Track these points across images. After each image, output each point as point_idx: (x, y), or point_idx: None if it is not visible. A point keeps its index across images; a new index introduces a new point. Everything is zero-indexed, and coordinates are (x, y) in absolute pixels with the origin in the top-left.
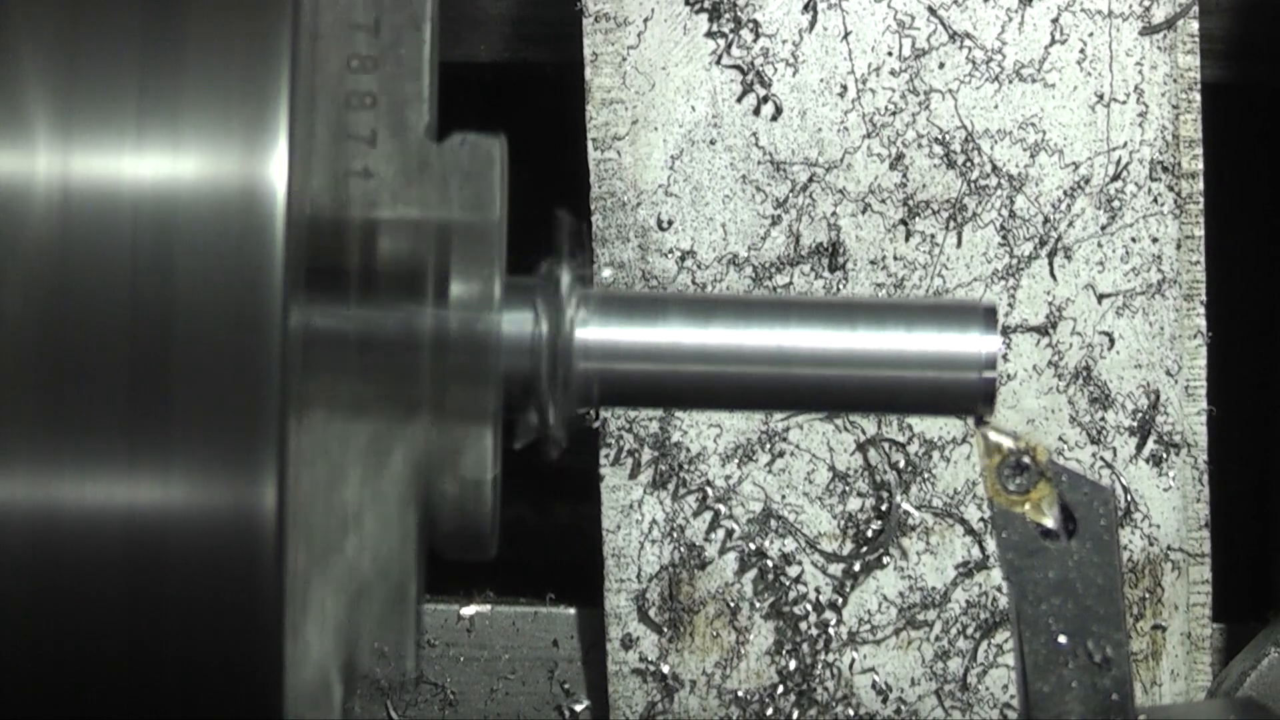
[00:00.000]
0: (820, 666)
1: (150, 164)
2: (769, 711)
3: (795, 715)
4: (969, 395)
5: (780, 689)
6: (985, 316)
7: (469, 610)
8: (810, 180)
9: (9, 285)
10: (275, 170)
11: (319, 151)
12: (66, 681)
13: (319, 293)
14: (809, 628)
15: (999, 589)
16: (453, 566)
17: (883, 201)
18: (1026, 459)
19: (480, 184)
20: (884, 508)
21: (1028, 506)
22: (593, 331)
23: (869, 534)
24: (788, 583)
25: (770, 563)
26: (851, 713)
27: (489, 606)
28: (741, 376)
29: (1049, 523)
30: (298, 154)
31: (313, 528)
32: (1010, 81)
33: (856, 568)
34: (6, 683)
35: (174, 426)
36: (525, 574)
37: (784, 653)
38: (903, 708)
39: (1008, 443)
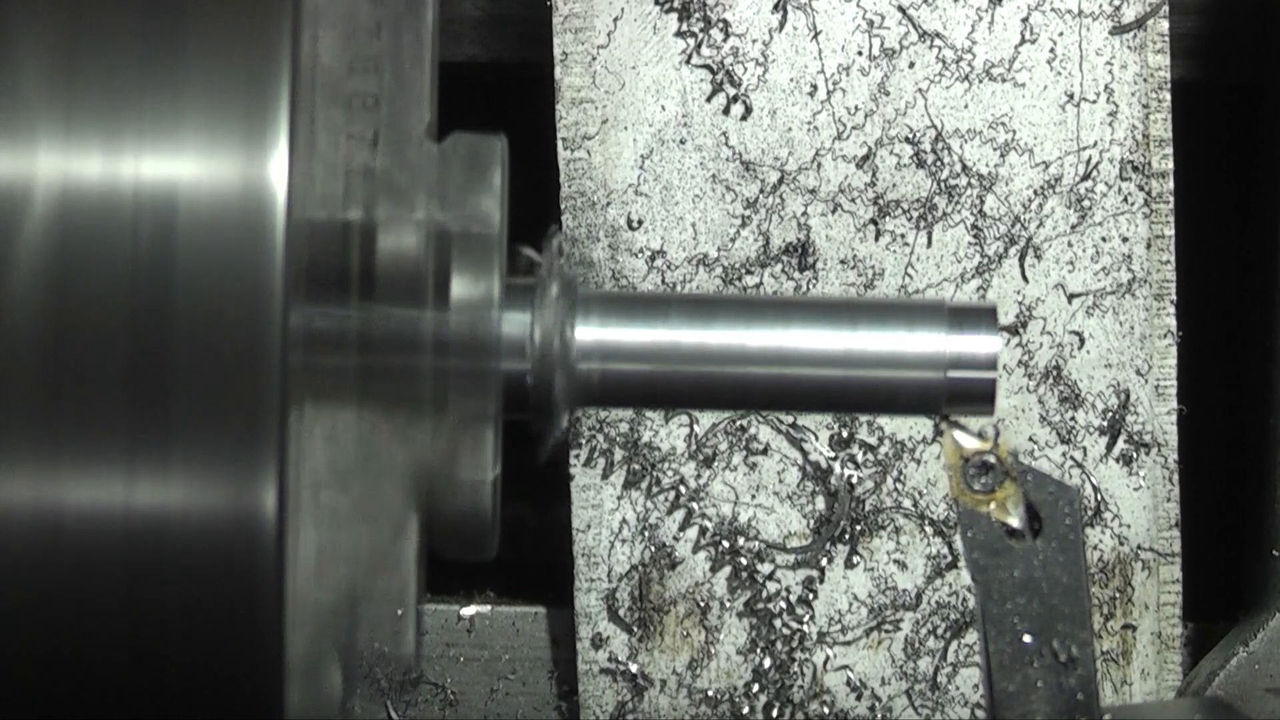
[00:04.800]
0: (795, 665)
1: (150, 164)
2: (745, 710)
3: (775, 713)
4: (980, 394)
5: (755, 687)
6: (990, 316)
7: (469, 610)
8: (780, 180)
9: (9, 285)
10: (275, 171)
11: (319, 151)
12: (67, 681)
13: (319, 293)
14: (782, 626)
15: (969, 589)
16: (453, 566)
17: (853, 201)
18: (991, 458)
19: (480, 184)
20: (835, 504)
21: (993, 506)
22: (593, 331)
23: (830, 522)
24: (761, 580)
25: (744, 560)
26: (826, 711)
27: (489, 606)
28: (741, 377)
29: (1014, 522)
30: (298, 154)
31: (312, 527)
32: (980, 81)
33: (824, 562)
34: (8, 682)
35: (174, 426)
36: (525, 574)
37: (758, 650)
38: (876, 705)
39: (973, 443)
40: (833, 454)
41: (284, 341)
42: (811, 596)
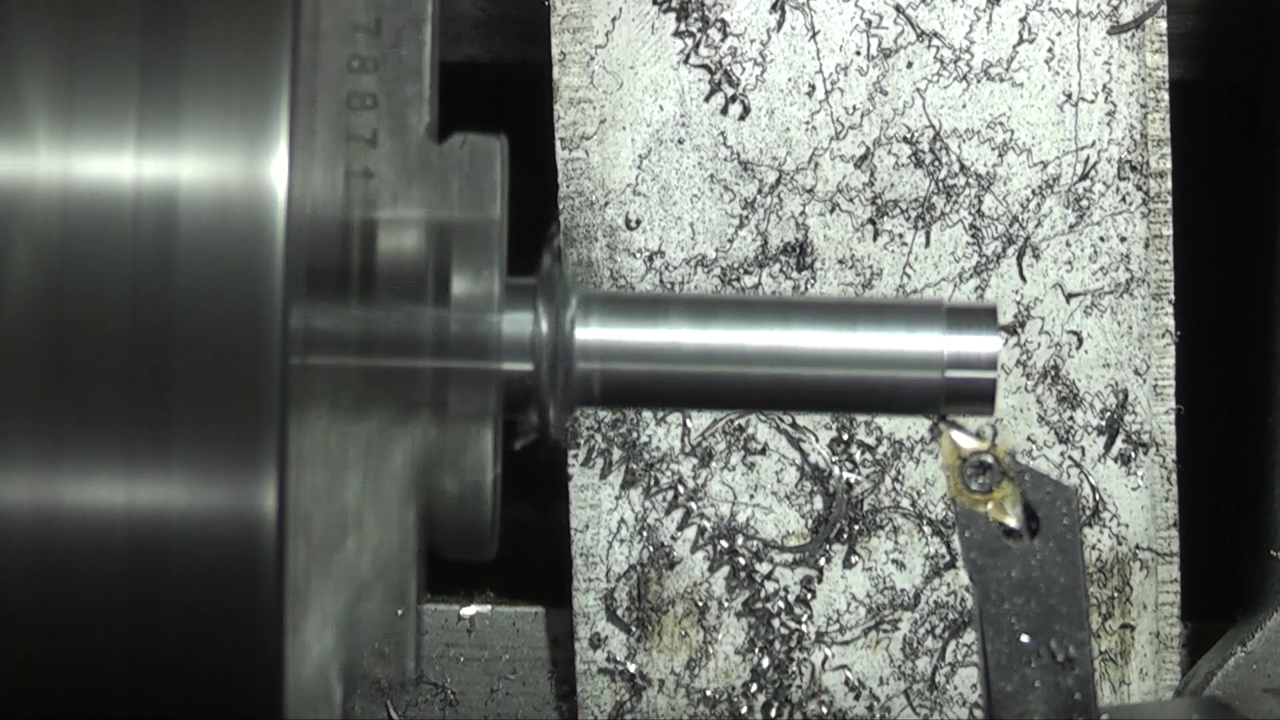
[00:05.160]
0: (794, 665)
1: (150, 164)
2: (743, 709)
3: (773, 713)
4: (980, 394)
5: (754, 686)
6: (990, 316)
7: (469, 610)
8: (778, 180)
9: (9, 285)
10: (275, 170)
11: (319, 152)
12: (68, 681)
13: (319, 293)
14: (781, 625)
15: (967, 589)
16: (453, 566)
17: (850, 201)
18: (989, 458)
19: (480, 184)
20: (833, 503)
21: (991, 506)
22: (593, 331)
23: (828, 521)
24: (759, 580)
25: (742, 560)
26: (824, 710)
27: (489, 606)
28: (741, 377)
29: (1012, 522)
30: (298, 154)
31: (313, 528)
32: (978, 81)
33: (822, 561)
34: (9, 682)
35: (174, 426)
36: (525, 574)
37: (757, 650)
38: (875, 705)
39: (971, 442)
40: (831, 454)
41: (284, 341)
42: (810, 596)
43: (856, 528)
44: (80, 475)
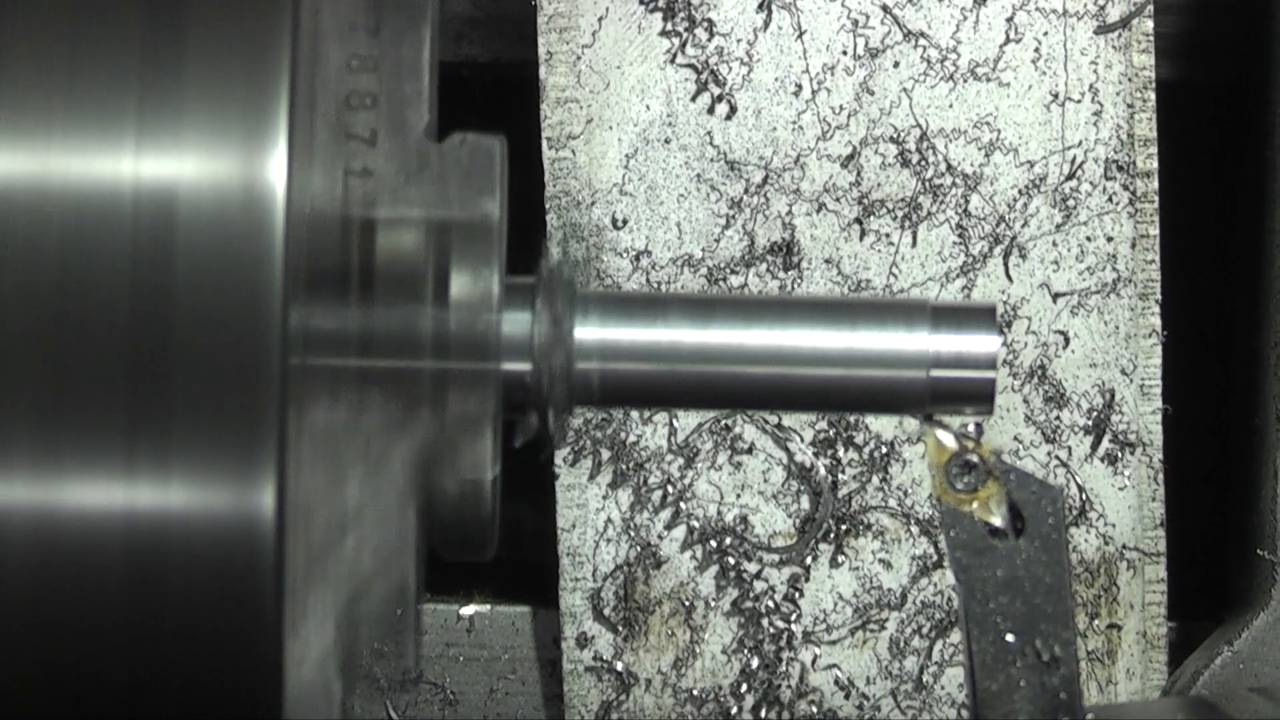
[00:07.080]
0: (784, 664)
1: (150, 164)
2: (732, 710)
3: (763, 713)
4: (979, 394)
5: (743, 686)
6: (989, 315)
7: (469, 610)
8: (765, 179)
9: (9, 285)
10: (275, 170)
11: (319, 151)
12: (67, 682)
13: (319, 293)
14: (769, 625)
15: (954, 588)
16: (453, 566)
17: (837, 200)
18: (974, 458)
19: (480, 184)
20: (819, 505)
21: (976, 505)
22: (592, 331)
23: (815, 521)
24: (748, 579)
25: (730, 559)
26: (814, 710)
27: (489, 606)
28: (741, 376)
29: (997, 521)
30: (298, 154)
31: (313, 528)
32: (965, 80)
33: (809, 560)
34: (8, 683)
35: (174, 427)
36: (526, 574)
37: (745, 650)
38: (864, 704)
39: (956, 442)
40: (818, 453)
41: (284, 341)
42: (797, 595)
43: (844, 527)
44: (79, 475)
